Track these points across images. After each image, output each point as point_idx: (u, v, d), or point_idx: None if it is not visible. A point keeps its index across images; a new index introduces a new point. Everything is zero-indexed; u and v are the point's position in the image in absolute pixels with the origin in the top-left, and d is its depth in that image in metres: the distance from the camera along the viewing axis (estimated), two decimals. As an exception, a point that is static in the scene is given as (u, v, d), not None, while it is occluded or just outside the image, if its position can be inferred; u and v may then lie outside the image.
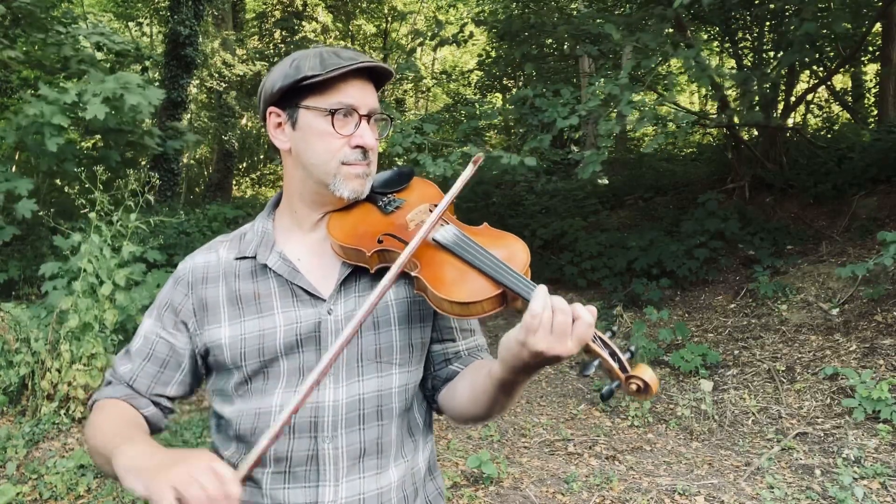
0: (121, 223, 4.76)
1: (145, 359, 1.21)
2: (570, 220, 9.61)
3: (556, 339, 0.94)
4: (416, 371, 1.23)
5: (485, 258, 1.07)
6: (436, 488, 1.31)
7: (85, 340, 4.36)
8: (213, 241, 1.30)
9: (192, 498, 0.86)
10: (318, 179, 1.19)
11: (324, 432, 1.13)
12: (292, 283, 1.18)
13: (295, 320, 1.16)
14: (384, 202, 1.24)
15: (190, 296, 1.21)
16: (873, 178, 7.91)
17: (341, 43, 18.78)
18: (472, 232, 1.16)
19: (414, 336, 1.21)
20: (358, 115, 1.17)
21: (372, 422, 1.16)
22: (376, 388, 1.16)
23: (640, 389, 0.95)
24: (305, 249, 1.23)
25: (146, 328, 1.24)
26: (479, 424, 4.64)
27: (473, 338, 1.29)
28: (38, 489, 3.62)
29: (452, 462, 4.14)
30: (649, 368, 0.96)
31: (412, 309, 1.21)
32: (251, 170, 20.62)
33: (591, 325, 0.96)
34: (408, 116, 14.72)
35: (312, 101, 1.16)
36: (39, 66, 7.44)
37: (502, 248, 1.11)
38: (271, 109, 1.21)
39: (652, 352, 5.87)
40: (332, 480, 1.13)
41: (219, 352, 1.17)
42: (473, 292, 1.04)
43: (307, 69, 1.14)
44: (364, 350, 1.16)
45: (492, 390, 1.08)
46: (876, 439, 4.13)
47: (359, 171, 1.18)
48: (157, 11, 15.88)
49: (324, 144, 1.16)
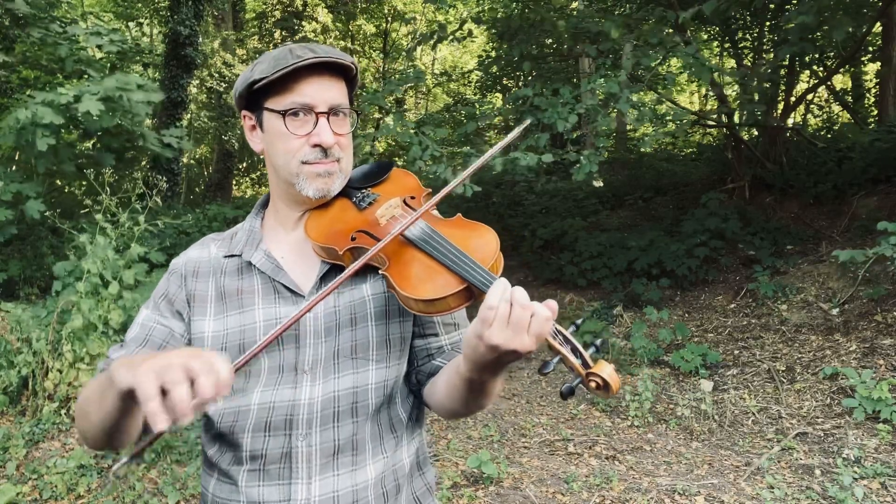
0: (129, 225, 4.78)
1: (141, 344, 1.20)
2: (570, 220, 9.62)
3: (513, 332, 0.92)
4: (395, 367, 1.21)
5: (449, 253, 1.05)
6: (424, 484, 1.30)
7: (89, 340, 4.37)
8: (205, 238, 1.32)
9: (172, 378, 0.82)
10: (285, 180, 1.20)
11: (298, 430, 1.13)
12: (275, 279, 1.19)
13: (275, 316, 1.17)
14: (359, 197, 1.24)
15: (183, 287, 1.23)
16: (873, 178, 7.91)
17: (341, 43, 18.79)
18: (443, 224, 1.14)
19: (392, 331, 1.21)
20: (315, 113, 1.16)
21: (346, 419, 1.16)
22: (352, 385, 1.16)
23: (599, 386, 0.94)
24: (288, 248, 1.24)
25: (143, 317, 1.24)
26: (464, 418, 4.63)
27: (458, 332, 1.28)
28: (38, 489, 3.62)
29: (452, 462, 4.14)
30: (610, 366, 0.94)
31: (390, 304, 1.21)
32: (251, 170, 20.62)
33: (548, 320, 0.93)
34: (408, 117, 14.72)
35: (271, 103, 1.17)
36: (38, 66, 7.45)
37: (471, 239, 1.09)
38: (244, 113, 1.23)
39: (652, 352, 5.87)
40: (305, 478, 1.13)
41: (200, 345, 1.19)
42: (438, 289, 1.02)
43: (258, 72, 1.15)
44: (340, 347, 1.17)
45: (462, 388, 1.07)
46: (876, 439, 4.13)
47: (320, 169, 1.18)
48: (157, 11, 15.88)
49: (284, 145, 1.17)
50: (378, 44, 19.79)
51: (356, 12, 18.19)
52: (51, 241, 7.29)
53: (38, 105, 4.99)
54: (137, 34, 17.17)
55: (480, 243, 1.08)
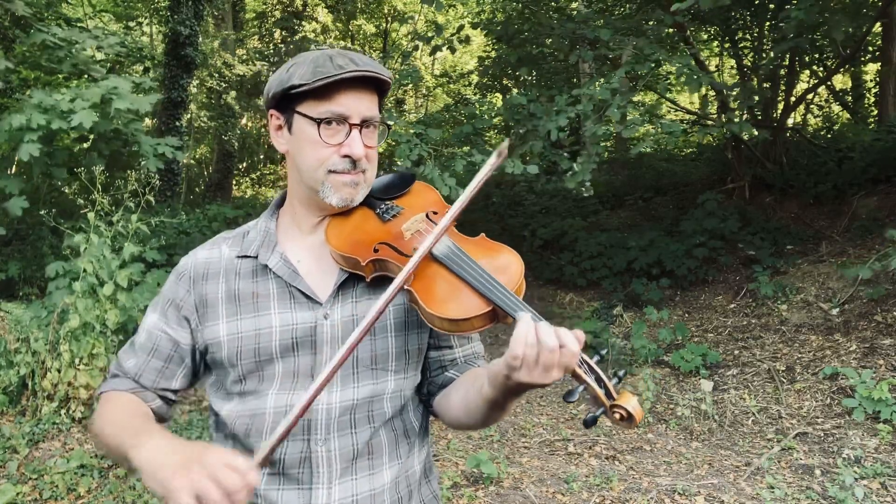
0: (122, 224, 4.75)
1: (150, 354, 1.22)
2: (570, 220, 9.62)
3: (541, 372, 0.94)
4: (412, 377, 1.23)
5: (476, 274, 1.05)
6: (431, 491, 1.31)
7: (86, 340, 4.36)
8: (216, 238, 1.31)
9: (210, 497, 0.87)
10: (309, 185, 1.19)
11: (316, 434, 1.14)
12: (291, 284, 1.18)
13: (291, 322, 1.17)
14: (382, 209, 1.23)
15: (192, 292, 1.22)
16: (873, 178, 7.91)
17: (341, 43, 18.78)
18: (467, 243, 1.14)
19: (410, 343, 1.21)
20: (349, 124, 1.16)
21: (364, 425, 1.17)
22: (370, 394, 1.17)
23: (623, 418, 0.95)
24: (305, 252, 1.23)
25: (150, 323, 1.24)
26: (472, 431, 4.65)
27: (471, 345, 1.29)
28: (38, 489, 3.62)
29: (452, 462, 4.14)
30: (634, 398, 0.95)
31: (409, 316, 1.21)
32: (251, 170, 20.62)
33: (576, 355, 0.94)
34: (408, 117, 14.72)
35: (305, 108, 1.16)
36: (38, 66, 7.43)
37: (496, 261, 1.09)
38: (272, 112, 1.22)
39: (652, 352, 5.87)
40: (326, 482, 1.14)
41: (216, 349, 1.18)
42: (463, 309, 1.02)
43: (297, 77, 1.15)
44: (360, 357, 1.17)
45: (483, 407, 1.09)
46: (876, 439, 4.13)
47: (347, 179, 1.17)
48: (157, 11, 15.87)
49: (313, 152, 1.17)
50: (378, 44, 19.79)
51: (356, 12, 18.20)
52: (51, 241, 7.28)
53: (33, 110, 4.96)
54: (137, 34, 17.16)
55: (505, 265, 1.08)
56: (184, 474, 0.90)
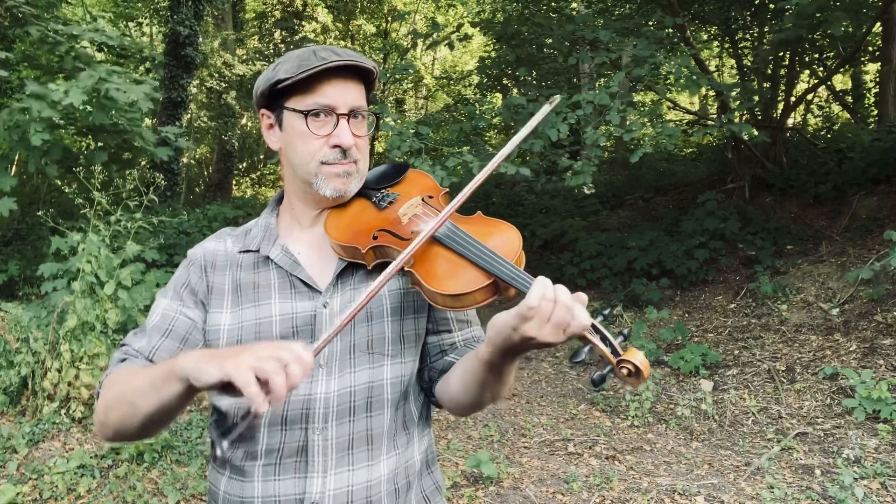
0: (122, 223, 4.74)
1: (164, 334, 1.20)
2: (570, 220, 9.62)
3: (551, 329, 0.95)
4: (410, 363, 1.23)
5: (475, 248, 1.07)
6: (433, 482, 1.31)
7: (86, 340, 4.36)
8: (221, 231, 1.33)
9: (268, 368, 0.88)
10: (303, 179, 1.21)
11: (314, 423, 1.14)
12: (292, 274, 1.20)
13: (291, 311, 1.18)
14: (378, 197, 1.26)
15: (203, 278, 1.23)
16: (873, 178, 7.91)
17: (341, 43, 18.78)
18: (465, 221, 1.16)
19: (407, 327, 1.22)
20: (336, 114, 1.17)
21: (361, 413, 1.17)
22: (367, 380, 1.18)
23: (630, 373, 0.95)
24: (306, 244, 1.25)
25: (164, 306, 1.23)
26: (474, 413, 4.64)
27: (470, 329, 1.30)
28: (38, 489, 3.62)
29: (452, 462, 4.14)
30: (640, 352, 0.95)
31: (405, 300, 1.22)
32: (251, 170, 20.63)
33: (584, 325, 0.96)
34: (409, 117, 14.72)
35: (293, 103, 1.19)
36: (38, 65, 7.43)
37: (493, 236, 1.11)
38: (262, 111, 1.25)
39: (652, 352, 5.87)
40: (321, 472, 1.14)
41: (215, 337, 1.19)
42: (465, 284, 1.04)
43: (282, 72, 1.17)
44: (356, 342, 1.18)
45: (480, 373, 1.08)
46: (876, 439, 4.13)
47: (339, 170, 1.19)
48: (157, 11, 15.88)
49: (304, 145, 1.19)
50: (378, 44, 19.79)
51: (356, 12, 18.19)
52: (51, 242, 7.28)
53: (31, 99, 4.93)
54: (137, 34, 17.16)
55: (503, 239, 1.10)
56: (239, 353, 0.91)
